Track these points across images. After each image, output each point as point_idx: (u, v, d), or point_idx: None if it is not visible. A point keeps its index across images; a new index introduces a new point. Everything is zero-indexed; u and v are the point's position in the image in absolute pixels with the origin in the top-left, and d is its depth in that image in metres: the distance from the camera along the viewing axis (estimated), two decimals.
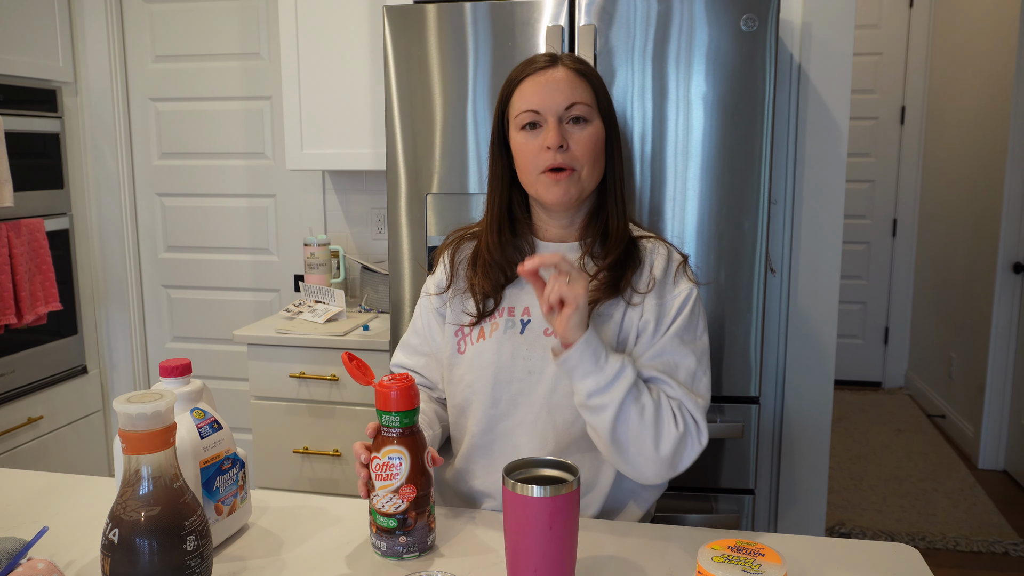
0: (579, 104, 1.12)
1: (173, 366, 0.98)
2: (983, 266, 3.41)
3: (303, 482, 2.32)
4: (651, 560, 0.97)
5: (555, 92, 1.11)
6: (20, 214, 2.55)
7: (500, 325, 1.17)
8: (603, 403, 1.03)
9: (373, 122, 2.34)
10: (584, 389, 1.03)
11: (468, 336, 1.19)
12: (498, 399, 1.16)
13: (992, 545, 2.68)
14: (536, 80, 1.12)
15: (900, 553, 0.99)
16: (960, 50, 3.79)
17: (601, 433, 1.06)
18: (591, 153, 1.13)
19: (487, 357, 1.16)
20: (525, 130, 1.13)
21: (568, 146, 1.11)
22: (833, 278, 2.09)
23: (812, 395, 2.13)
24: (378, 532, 0.96)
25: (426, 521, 0.97)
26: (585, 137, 1.12)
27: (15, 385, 2.58)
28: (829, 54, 2.03)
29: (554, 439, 1.14)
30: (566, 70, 1.13)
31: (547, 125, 1.11)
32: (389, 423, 0.95)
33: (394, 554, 0.96)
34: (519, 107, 1.13)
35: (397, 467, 0.94)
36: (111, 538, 0.79)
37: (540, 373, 1.15)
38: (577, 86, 1.12)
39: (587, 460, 1.15)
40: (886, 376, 4.51)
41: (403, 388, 0.95)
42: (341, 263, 2.67)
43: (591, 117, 1.13)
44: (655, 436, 1.05)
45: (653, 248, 1.19)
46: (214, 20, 2.77)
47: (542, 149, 1.11)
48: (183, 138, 2.88)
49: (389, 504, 0.94)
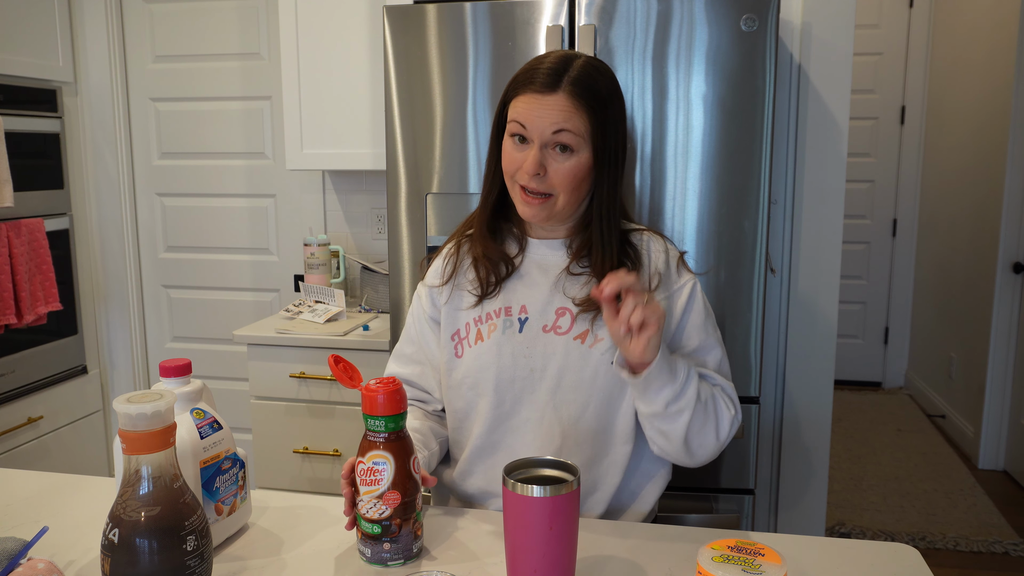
0: (566, 132, 1.07)
1: (173, 366, 0.98)
2: (983, 266, 3.41)
3: (303, 482, 2.32)
4: (651, 560, 0.97)
5: (545, 116, 1.07)
6: (20, 214, 2.55)
7: (498, 326, 1.17)
8: (680, 408, 1.07)
9: (373, 122, 2.34)
10: (662, 400, 1.06)
11: (465, 340, 1.19)
12: (502, 400, 1.16)
13: (992, 545, 2.68)
14: (531, 100, 1.08)
15: (900, 553, 0.99)
16: (960, 50, 3.79)
17: (674, 437, 1.09)
18: (570, 183, 1.10)
19: (487, 359, 1.16)
20: (514, 138, 1.12)
21: (546, 172, 1.09)
22: (833, 278, 2.09)
23: (812, 395, 2.13)
24: (363, 538, 0.95)
25: (412, 528, 0.95)
26: (566, 168, 1.09)
27: (15, 385, 2.58)
28: (829, 54, 2.03)
29: (560, 435, 1.14)
30: (565, 97, 1.07)
31: (531, 147, 1.09)
32: (375, 427, 0.93)
33: (379, 561, 0.95)
34: (512, 115, 1.12)
35: (382, 472, 0.92)
36: (111, 538, 0.79)
37: (543, 371, 1.14)
38: (572, 115, 1.07)
39: (594, 458, 1.15)
40: (886, 376, 4.51)
41: (390, 392, 0.93)
42: (341, 263, 2.67)
43: (578, 147, 1.08)
44: (716, 425, 1.11)
45: (648, 242, 1.19)
46: (214, 20, 2.77)
47: (521, 167, 1.10)
48: (183, 138, 2.88)
49: (373, 510, 0.93)
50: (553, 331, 1.15)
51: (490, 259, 1.18)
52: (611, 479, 1.16)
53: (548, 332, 1.15)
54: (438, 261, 1.26)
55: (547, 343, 1.14)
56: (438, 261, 1.26)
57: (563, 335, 1.14)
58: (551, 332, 1.15)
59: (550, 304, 1.16)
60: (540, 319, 1.16)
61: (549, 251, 1.19)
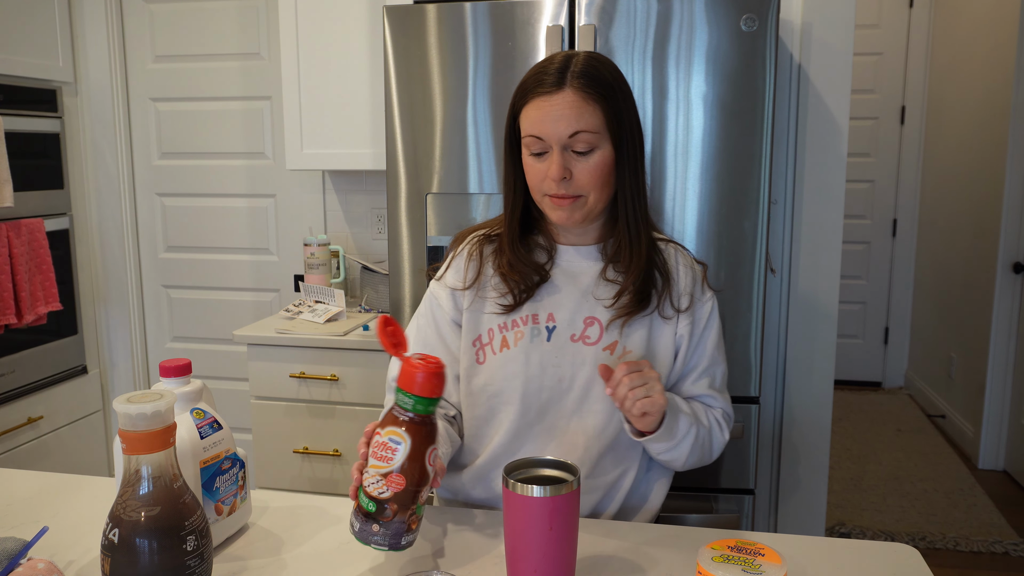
0: (584, 132, 1.06)
1: (173, 366, 0.98)
2: (983, 266, 3.41)
3: (303, 482, 2.32)
4: (651, 560, 0.97)
5: (559, 120, 1.05)
6: (20, 214, 2.55)
7: (525, 333, 1.14)
8: (673, 456, 1.13)
9: (373, 122, 2.34)
10: (655, 450, 1.13)
11: (488, 346, 1.16)
12: (528, 408, 1.14)
13: (992, 545, 2.68)
14: (541, 105, 1.06)
15: (900, 553, 0.99)
16: (960, 50, 3.79)
17: (671, 465, 1.18)
18: (597, 180, 1.09)
19: (514, 367, 1.14)
20: (533, 153, 1.10)
21: (572, 175, 1.08)
22: (833, 278, 2.09)
23: (812, 395, 2.13)
24: (357, 508, 0.91)
25: (406, 519, 0.88)
26: (590, 166, 1.08)
27: (15, 385, 2.58)
28: (829, 54, 2.03)
29: (584, 445, 1.14)
30: (573, 93, 1.05)
31: (551, 153, 1.07)
32: (403, 403, 0.88)
33: (363, 538, 0.89)
34: (526, 129, 1.09)
35: (395, 452, 0.87)
36: (111, 538, 0.79)
37: (571, 380, 1.13)
38: (583, 111, 1.05)
39: (615, 463, 1.16)
40: (886, 376, 4.51)
41: (430, 372, 0.87)
42: (341, 263, 2.67)
43: (598, 143, 1.07)
44: (711, 452, 1.19)
45: (675, 256, 1.19)
46: (214, 20, 2.77)
47: (547, 176, 1.08)
48: (183, 138, 2.88)
49: (374, 486, 0.88)
50: (582, 341, 1.14)
51: (521, 273, 1.15)
52: (626, 482, 1.17)
53: (576, 342, 1.14)
54: (459, 262, 1.22)
55: (576, 353, 1.13)
56: (459, 262, 1.22)
57: (592, 345, 1.13)
58: (579, 342, 1.14)
59: (578, 313, 1.15)
60: (568, 328, 1.14)
61: (579, 257, 1.17)
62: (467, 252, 1.21)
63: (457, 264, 1.21)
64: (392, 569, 0.95)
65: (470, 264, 1.20)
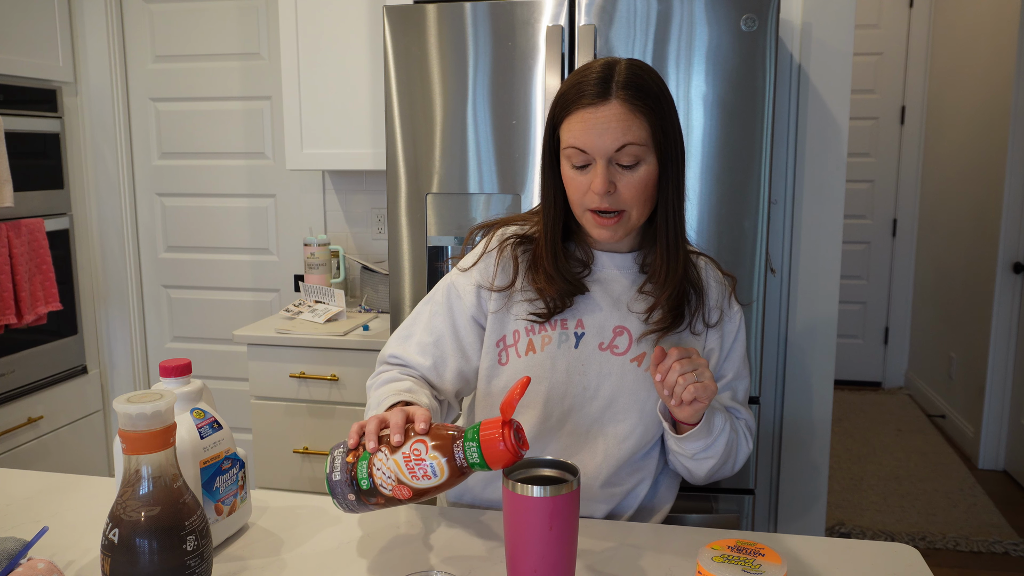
0: (630, 145, 1.02)
1: (173, 366, 0.98)
2: (983, 266, 3.41)
3: (303, 482, 2.32)
4: (651, 560, 0.97)
5: (605, 133, 1.01)
6: (20, 214, 2.55)
7: (553, 339, 1.12)
8: (708, 456, 1.11)
9: (373, 122, 2.34)
10: (694, 449, 1.09)
11: (512, 348, 1.14)
12: (549, 414, 1.13)
13: (992, 545, 2.68)
14: (586, 116, 1.02)
15: (900, 553, 0.99)
16: (960, 50, 3.79)
17: (696, 474, 1.15)
18: (641, 195, 1.05)
19: (540, 372, 1.12)
20: (575, 166, 1.07)
21: (616, 189, 1.04)
22: (833, 278, 2.09)
23: (812, 395, 2.13)
24: (350, 467, 0.88)
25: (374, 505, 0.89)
26: (635, 180, 1.04)
27: (15, 385, 2.58)
28: (829, 54, 2.03)
29: (604, 452, 1.13)
30: (619, 104, 1.01)
31: (595, 166, 1.03)
32: (470, 453, 0.86)
33: (332, 489, 0.89)
34: (567, 140, 1.05)
35: (426, 476, 0.86)
36: (111, 538, 0.79)
37: (596, 390, 1.12)
38: (631, 124, 1.02)
39: (635, 470, 1.16)
40: (886, 376, 4.51)
41: (511, 457, 0.85)
42: (341, 263, 2.67)
43: (644, 157, 1.04)
44: (734, 463, 1.17)
45: (706, 269, 1.18)
46: (214, 20, 2.77)
47: (589, 189, 1.04)
48: (183, 138, 2.88)
49: (382, 477, 0.87)
50: (610, 350, 1.12)
51: (558, 289, 1.12)
52: (643, 486, 1.17)
53: (605, 351, 1.12)
54: (489, 259, 1.17)
55: (603, 363, 1.12)
56: (489, 259, 1.17)
57: (620, 355, 1.12)
58: (607, 351, 1.12)
59: (608, 320, 1.13)
60: (597, 336, 1.12)
61: (612, 265, 1.15)
62: (500, 252, 1.17)
63: (488, 262, 1.17)
64: (392, 569, 0.95)
65: (503, 266, 1.16)
